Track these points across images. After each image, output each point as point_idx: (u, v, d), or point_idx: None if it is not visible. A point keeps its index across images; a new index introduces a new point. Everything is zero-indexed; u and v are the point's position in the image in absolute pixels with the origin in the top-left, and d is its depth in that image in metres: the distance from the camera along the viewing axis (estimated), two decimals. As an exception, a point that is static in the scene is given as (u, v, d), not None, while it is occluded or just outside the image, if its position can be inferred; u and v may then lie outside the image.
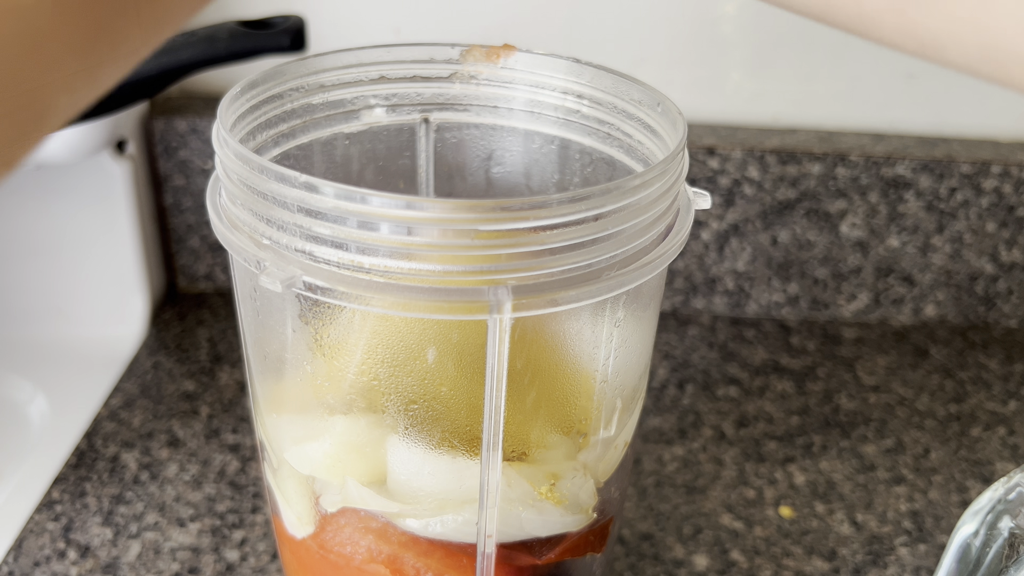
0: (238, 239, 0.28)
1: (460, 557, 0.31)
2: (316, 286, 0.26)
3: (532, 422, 0.31)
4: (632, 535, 0.45)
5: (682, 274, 0.62)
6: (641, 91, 0.33)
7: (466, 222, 0.25)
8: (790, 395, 0.56)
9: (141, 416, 0.51)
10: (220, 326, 0.60)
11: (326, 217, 0.25)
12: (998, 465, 0.51)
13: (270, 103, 0.33)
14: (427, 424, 0.30)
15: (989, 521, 0.28)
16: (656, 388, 0.56)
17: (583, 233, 0.26)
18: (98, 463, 0.48)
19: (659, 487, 0.48)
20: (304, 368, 0.30)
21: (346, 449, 0.31)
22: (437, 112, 0.37)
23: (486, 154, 0.38)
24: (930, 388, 0.57)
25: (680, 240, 0.30)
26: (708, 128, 0.61)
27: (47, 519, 0.44)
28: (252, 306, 0.31)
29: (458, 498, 0.30)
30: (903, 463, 0.51)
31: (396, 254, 0.25)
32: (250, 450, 0.49)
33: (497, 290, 0.25)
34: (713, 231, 0.61)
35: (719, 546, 0.45)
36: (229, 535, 0.44)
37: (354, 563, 0.32)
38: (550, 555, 0.32)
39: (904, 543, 0.46)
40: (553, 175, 0.37)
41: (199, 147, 0.58)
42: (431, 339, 0.29)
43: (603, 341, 0.31)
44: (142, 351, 0.57)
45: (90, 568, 0.42)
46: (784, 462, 0.50)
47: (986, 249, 0.61)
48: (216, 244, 0.61)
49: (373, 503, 0.31)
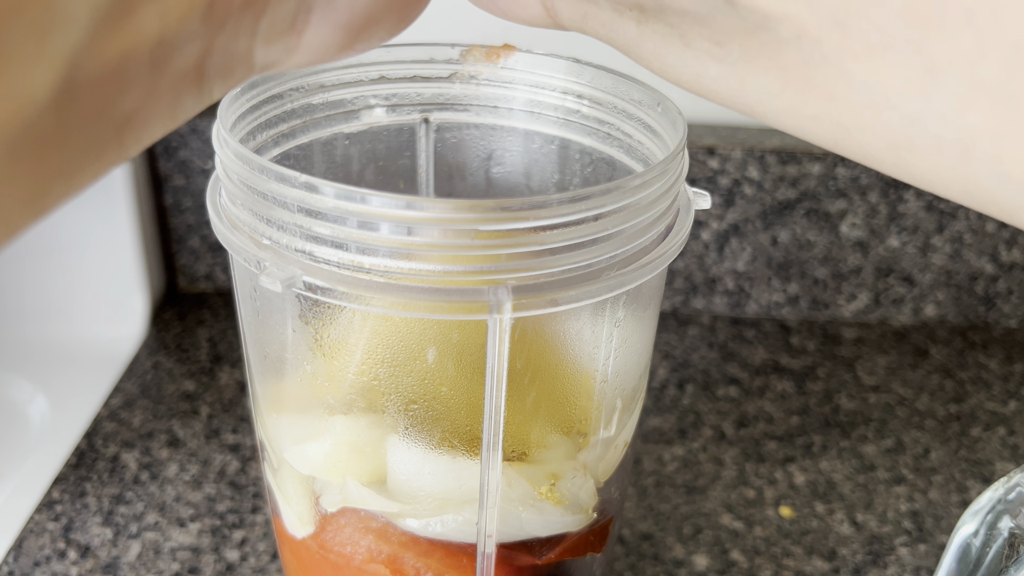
0: (238, 239, 0.28)
1: (460, 557, 0.31)
2: (316, 286, 0.26)
3: (532, 422, 0.31)
4: (632, 535, 0.45)
5: (682, 274, 0.62)
6: (641, 91, 0.33)
7: (466, 222, 0.25)
8: (790, 395, 0.56)
9: (141, 416, 0.51)
10: (220, 326, 0.60)
11: (326, 217, 0.25)
12: (998, 465, 0.51)
13: (270, 103, 0.33)
14: (427, 424, 0.30)
15: (989, 521, 0.28)
16: (656, 388, 0.56)
17: (583, 233, 0.26)
18: (98, 463, 0.48)
19: (659, 487, 0.48)
20: (304, 368, 0.30)
21: (346, 449, 0.31)
22: (437, 112, 0.37)
23: (486, 154, 0.38)
24: (930, 388, 0.57)
25: (680, 240, 0.30)
26: (708, 128, 0.61)
27: (47, 519, 0.44)
28: (252, 306, 0.31)
29: (458, 498, 0.30)
30: (903, 463, 0.51)
31: (396, 254, 0.25)
32: (250, 450, 0.49)
33: (497, 290, 0.25)
34: (713, 231, 0.61)
35: (719, 546, 0.45)
36: (229, 535, 0.44)
37: (354, 563, 0.32)
38: (550, 555, 0.32)
39: (904, 543, 0.46)
40: (553, 175, 0.37)
41: (199, 147, 0.58)
42: (431, 339, 0.29)
43: (603, 341, 0.31)
44: (142, 351, 0.57)
45: (90, 568, 0.42)
46: (784, 462, 0.50)
47: (986, 249, 0.61)
48: (216, 244, 0.61)
49: (373, 503, 0.31)
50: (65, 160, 0.15)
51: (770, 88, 0.19)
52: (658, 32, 0.21)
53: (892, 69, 0.17)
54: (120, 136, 0.16)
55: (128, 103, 0.15)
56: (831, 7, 0.17)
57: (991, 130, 0.16)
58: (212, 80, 0.17)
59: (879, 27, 0.17)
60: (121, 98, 0.15)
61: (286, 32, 0.19)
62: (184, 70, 0.16)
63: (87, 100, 0.14)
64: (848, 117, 0.18)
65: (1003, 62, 0.16)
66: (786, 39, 0.18)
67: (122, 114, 0.15)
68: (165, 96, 0.16)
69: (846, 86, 0.18)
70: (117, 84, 0.15)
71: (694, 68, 0.21)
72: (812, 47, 0.18)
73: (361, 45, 0.21)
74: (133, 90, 0.15)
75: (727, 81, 0.20)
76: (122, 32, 0.14)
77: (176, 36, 0.16)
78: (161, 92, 0.16)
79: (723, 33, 0.19)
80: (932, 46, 0.16)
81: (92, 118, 0.15)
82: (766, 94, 0.20)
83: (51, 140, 0.14)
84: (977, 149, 0.17)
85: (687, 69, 0.21)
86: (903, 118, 0.17)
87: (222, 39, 0.17)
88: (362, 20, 0.20)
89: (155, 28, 0.15)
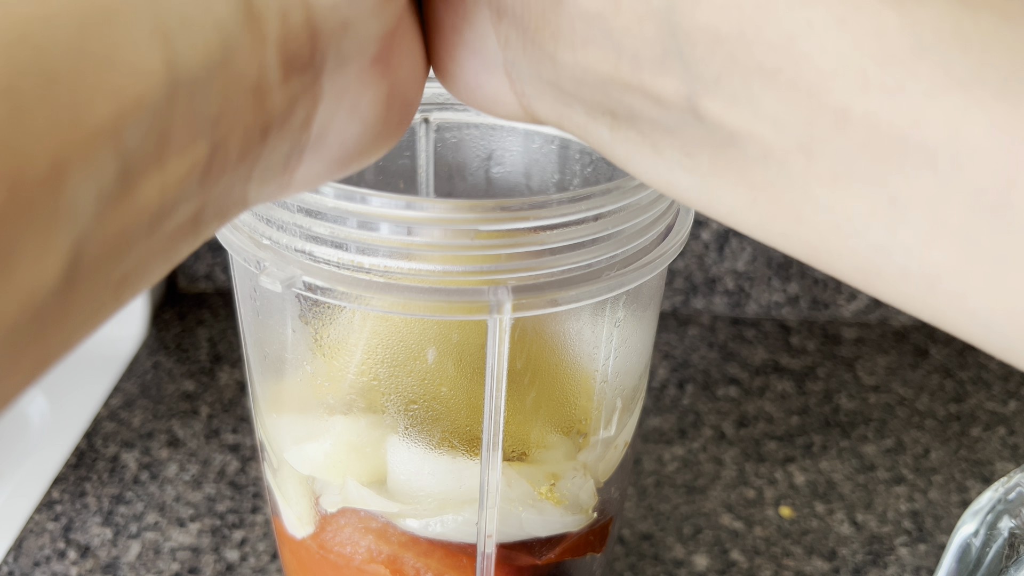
0: (238, 239, 0.28)
1: (460, 557, 0.31)
2: (316, 286, 0.26)
3: (532, 422, 0.31)
4: (632, 535, 0.45)
5: (682, 274, 0.62)
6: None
7: (466, 222, 0.25)
8: (790, 395, 0.56)
9: (141, 416, 0.51)
10: (220, 326, 0.60)
11: (326, 217, 0.25)
12: (998, 465, 0.51)
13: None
14: (427, 424, 0.30)
15: (989, 521, 0.28)
16: (656, 388, 0.56)
17: (583, 233, 0.26)
18: (98, 463, 0.48)
19: (659, 487, 0.48)
20: (304, 368, 0.30)
21: (346, 449, 0.31)
22: (437, 112, 0.37)
23: (486, 154, 0.38)
24: (930, 388, 0.57)
25: (680, 240, 0.30)
26: (708, 128, 0.61)
27: (47, 519, 0.44)
28: (252, 306, 0.31)
29: (458, 498, 0.30)
30: (903, 463, 0.51)
31: (396, 254, 0.25)
32: (250, 450, 0.49)
33: (497, 290, 0.25)
34: (713, 231, 0.61)
35: (719, 546, 0.45)
36: (229, 535, 0.44)
37: (354, 563, 0.32)
38: (550, 555, 0.32)
39: (904, 543, 0.46)
40: (553, 175, 0.37)
41: (199, 147, 0.58)
42: (431, 339, 0.29)
43: (603, 341, 0.31)
44: (142, 351, 0.57)
45: (90, 568, 0.42)
46: (784, 462, 0.50)
47: (986, 249, 0.61)
48: (216, 244, 0.61)
49: (373, 503, 0.31)
50: (67, 333, 0.15)
51: (739, 203, 0.19)
52: (630, 140, 0.21)
53: (857, 199, 0.17)
54: (118, 295, 0.16)
55: (127, 267, 0.15)
56: (796, 132, 0.17)
57: (954, 268, 0.16)
58: (208, 226, 0.18)
59: (843, 157, 0.17)
60: (120, 265, 0.15)
61: (279, 174, 0.19)
62: (181, 226, 0.16)
63: (89, 276, 0.14)
64: (816, 239, 0.18)
65: (964, 206, 0.16)
66: (753, 157, 0.18)
67: (121, 277, 0.15)
68: (162, 252, 0.16)
69: (812, 210, 0.18)
70: (118, 255, 0.15)
71: (666, 176, 0.21)
72: (779, 168, 0.18)
73: (350, 170, 0.21)
74: (132, 255, 0.15)
75: (698, 191, 0.20)
76: (124, 210, 0.14)
77: (175, 202, 0.16)
78: (159, 250, 0.16)
79: (692, 145, 0.19)
80: (895, 182, 0.16)
81: (94, 291, 0.15)
82: (736, 208, 0.20)
83: (55, 320, 0.14)
84: (942, 284, 0.17)
85: (659, 176, 0.21)
86: (869, 246, 0.17)
87: (218, 191, 0.17)
88: (353, 152, 0.21)
89: (156, 200, 0.15)
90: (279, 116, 0.17)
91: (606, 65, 0.20)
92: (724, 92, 0.18)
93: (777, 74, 0.17)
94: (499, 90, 0.23)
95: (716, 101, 0.18)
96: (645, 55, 0.19)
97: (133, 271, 0.16)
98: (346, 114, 0.20)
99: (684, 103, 0.19)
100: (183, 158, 0.15)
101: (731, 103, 0.18)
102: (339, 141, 0.20)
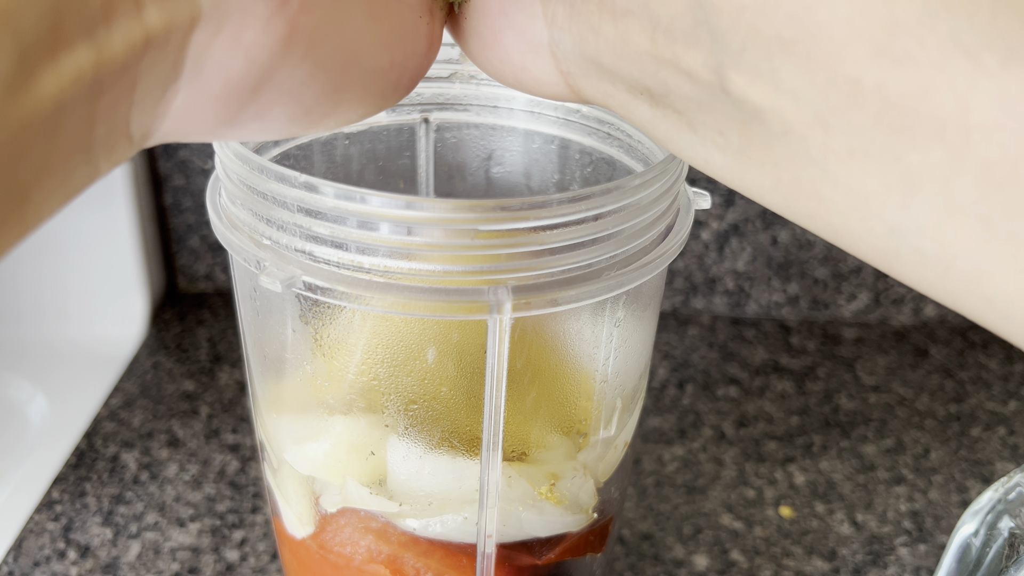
0: (238, 239, 0.28)
1: (460, 557, 0.31)
2: (316, 286, 0.26)
3: (532, 422, 0.31)
4: (632, 535, 0.45)
5: (682, 274, 0.62)
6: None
7: (466, 222, 0.25)
8: (790, 395, 0.56)
9: (141, 416, 0.51)
10: (220, 326, 0.60)
11: (326, 217, 0.25)
12: (998, 465, 0.51)
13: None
14: (427, 424, 0.30)
15: (989, 521, 0.28)
16: (656, 388, 0.56)
17: (583, 233, 0.26)
18: (98, 463, 0.48)
19: (659, 487, 0.48)
20: (304, 368, 0.30)
21: (346, 449, 0.31)
22: (437, 112, 0.37)
23: (486, 154, 0.38)
24: (930, 388, 0.57)
25: (680, 240, 0.30)
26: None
27: (47, 519, 0.44)
28: (252, 306, 0.31)
29: (458, 498, 0.30)
30: (903, 463, 0.51)
31: (396, 254, 0.25)
32: (250, 450, 0.49)
33: (497, 290, 0.25)
34: (713, 231, 0.61)
35: (719, 546, 0.45)
36: (229, 535, 0.44)
37: (354, 563, 0.32)
38: (550, 555, 0.32)
39: (904, 543, 0.46)
40: (553, 175, 0.37)
41: (199, 147, 0.58)
42: (431, 339, 0.29)
43: (603, 341, 0.31)
44: (142, 351, 0.57)
45: (90, 568, 0.42)
46: (784, 462, 0.50)
47: (986, 249, 0.61)
48: (216, 244, 0.61)
49: (373, 503, 0.31)
50: None
51: (766, 183, 0.19)
52: (668, 117, 0.21)
53: (872, 176, 0.17)
54: (21, 208, 0.16)
55: (25, 172, 0.16)
56: (814, 104, 0.17)
57: (968, 251, 0.16)
58: (98, 154, 0.18)
59: (858, 130, 0.17)
60: (20, 166, 0.15)
61: (157, 102, 0.19)
62: (74, 141, 0.17)
63: None
64: (837, 220, 0.18)
65: (975, 181, 0.15)
66: (776, 133, 0.18)
67: (20, 185, 0.16)
68: (59, 168, 0.17)
69: (831, 189, 0.18)
70: (17, 152, 0.15)
71: (703, 154, 0.21)
72: (799, 144, 0.18)
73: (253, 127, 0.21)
74: (30, 159, 0.16)
75: (731, 169, 0.20)
76: (25, 101, 0.15)
77: (70, 104, 0.16)
78: (55, 164, 0.16)
79: (723, 122, 0.20)
80: (907, 157, 0.16)
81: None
82: (764, 189, 0.20)
83: None
84: (957, 268, 0.16)
85: (697, 155, 0.21)
86: (886, 227, 0.17)
87: (103, 107, 0.17)
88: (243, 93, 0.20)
89: (52, 95, 0.15)
90: (158, 30, 0.17)
91: (643, 37, 0.20)
92: (748, 65, 0.18)
93: (795, 45, 0.17)
94: (545, 70, 0.23)
95: (742, 75, 0.18)
96: (677, 27, 0.19)
97: (33, 186, 0.16)
98: (226, 44, 0.19)
99: (713, 77, 0.19)
100: (73, 56, 0.15)
101: (755, 76, 0.18)
102: (219, 74, 0.19)
